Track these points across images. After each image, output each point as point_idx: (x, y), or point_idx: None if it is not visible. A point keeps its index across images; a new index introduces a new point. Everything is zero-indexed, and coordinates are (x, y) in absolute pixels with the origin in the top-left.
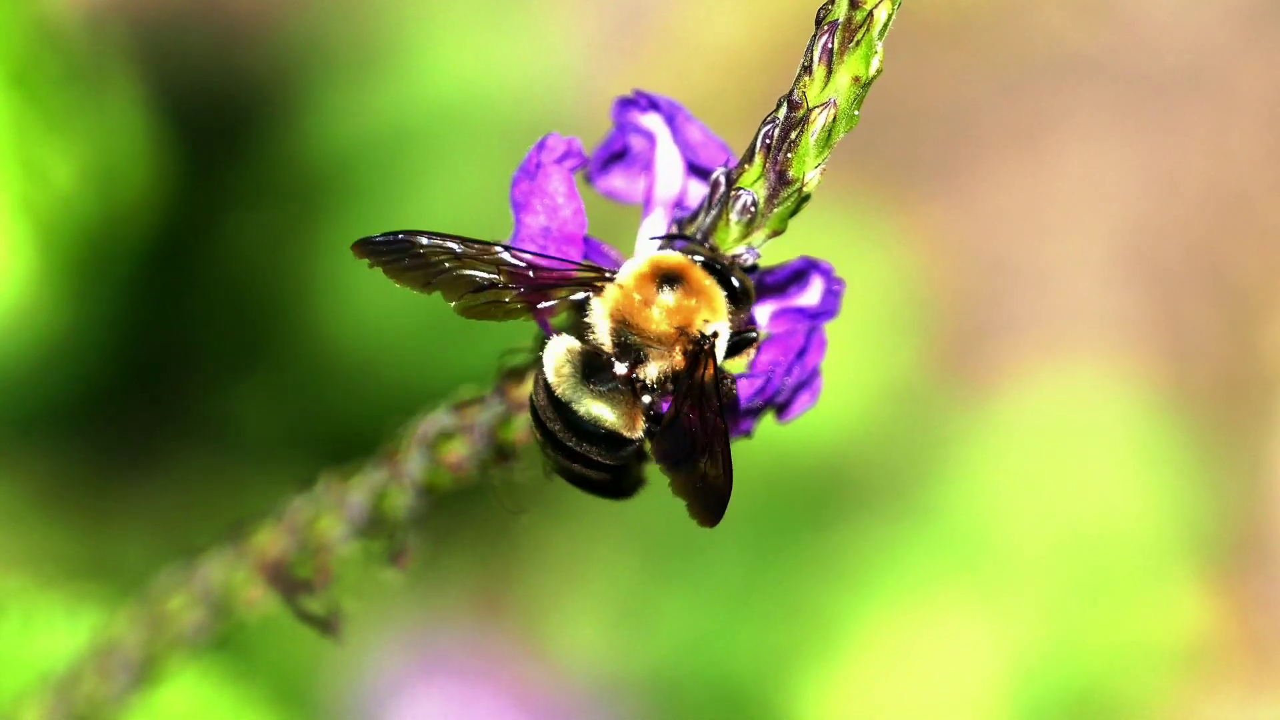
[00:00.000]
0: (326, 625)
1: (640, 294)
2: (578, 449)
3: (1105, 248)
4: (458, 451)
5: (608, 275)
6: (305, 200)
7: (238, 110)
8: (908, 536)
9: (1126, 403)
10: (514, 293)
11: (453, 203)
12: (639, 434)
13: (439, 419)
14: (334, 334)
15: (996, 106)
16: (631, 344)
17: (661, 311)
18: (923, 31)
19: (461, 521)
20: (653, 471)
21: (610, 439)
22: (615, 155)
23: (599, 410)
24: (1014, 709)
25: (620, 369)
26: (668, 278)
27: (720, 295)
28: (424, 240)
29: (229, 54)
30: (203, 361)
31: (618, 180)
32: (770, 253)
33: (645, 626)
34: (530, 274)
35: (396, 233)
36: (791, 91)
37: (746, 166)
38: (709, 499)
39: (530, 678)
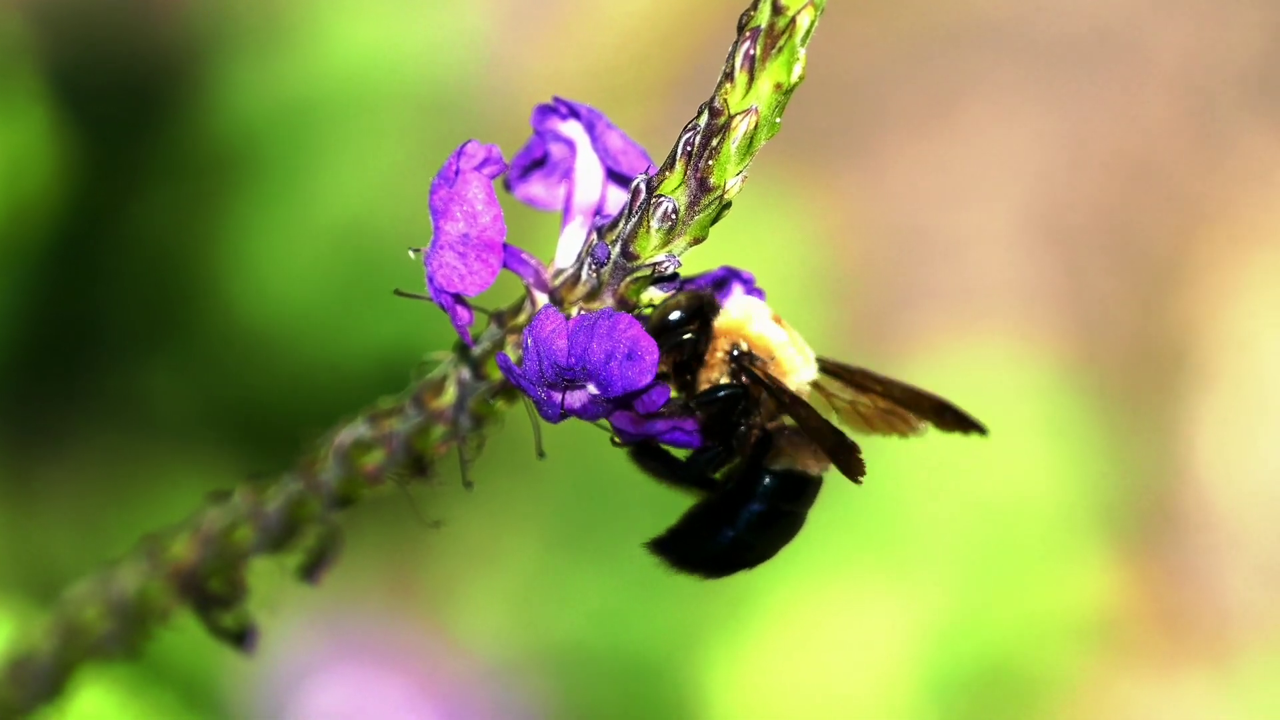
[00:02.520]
0: (240, 639)
1: None
2: None
3: (1016, 217)
4: (374, 462)
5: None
6: (213, 175)
7: (143, 86)
8: (818, 508)
9: (1036, 373)
10: None
11: (362, 175)
12: None
13: (356, 429)
14: (245, 307)
15: (907, 76)
16: None
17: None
18: (833, 2)
19: (370, 505)
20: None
21: None
22: (535, 162)
23: None
24: (924, 683)
25: None
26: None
27: None
28: None
29: (133, 29)
30: (113, 340)
31: (537, 187)
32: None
33: (554, 606)
34: None
35: None
36: (713, 98)
37: (667, 173)
38: None
39: (439, 661)
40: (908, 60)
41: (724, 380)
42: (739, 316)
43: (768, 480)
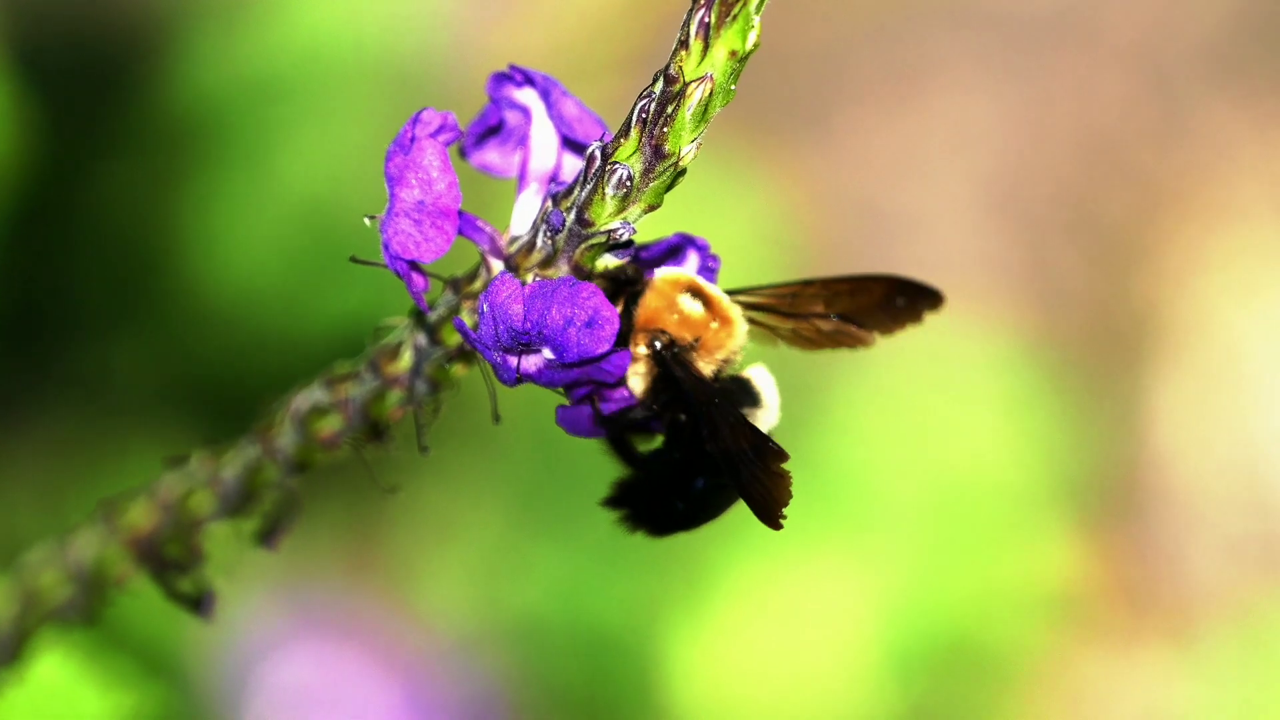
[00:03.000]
0: (198, 605)
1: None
2: None
3: (975, 192)
4: (331, 427)
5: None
6: (176, 150)
7: (106, 60)
8: None
9: (998, 348)
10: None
11: (325, 149)
12: None
13: (312, 394)
14: (207, 282)
15: (867, 50)
16: None
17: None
18: None
19: (329, 478)
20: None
21: None
22: (490, 130)
23: None
24: (886, 657)
25: None
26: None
27: None
28: None
29: (97, 3)
30: (75, 314)
31: (493, 155)
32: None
33: (515, 579)
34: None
35: None
36: (668, 65)
37: (622, 141)
38: None
39: (400, 634)
40: (868, 35)
41: (649, 373)
42: (657, 303)
43: (710, 459)
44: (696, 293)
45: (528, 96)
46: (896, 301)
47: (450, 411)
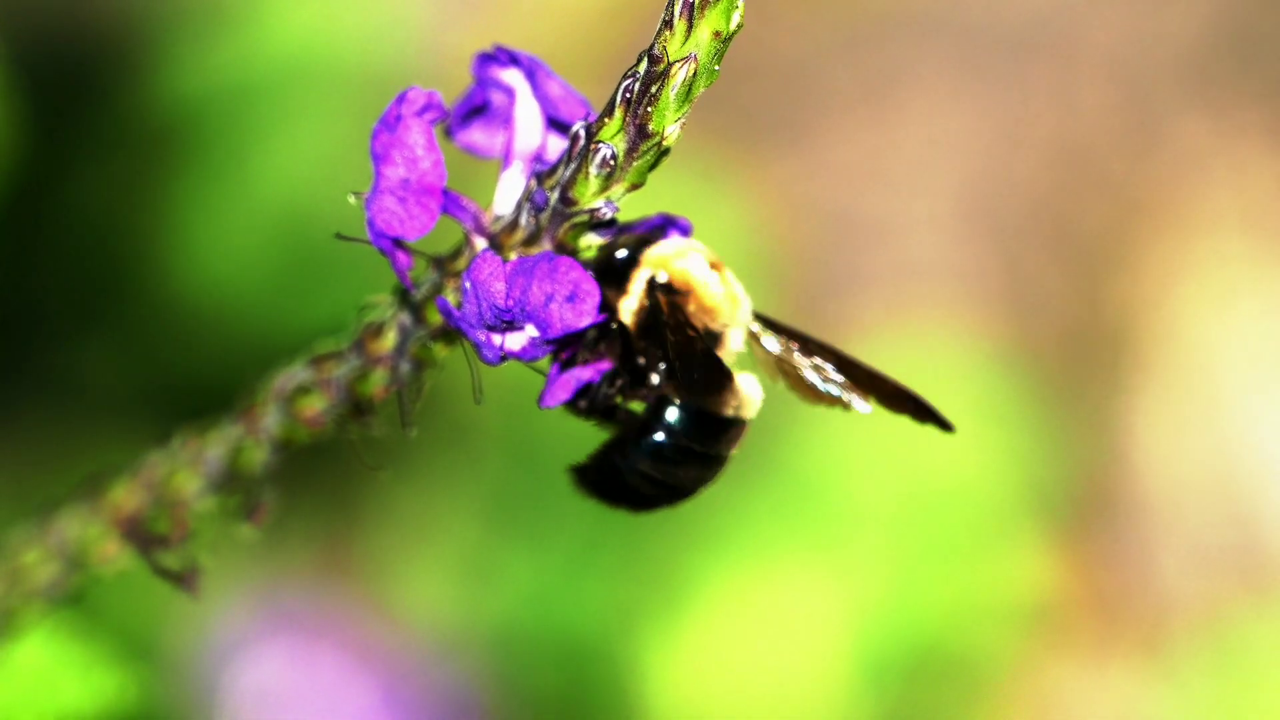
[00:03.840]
0: (183, 580)
1: None
2: None
3: (950, 203)
4: (315, 406)
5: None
6: (154, 153)
7: (86, 63)
8: (754, 492)
9: (972, 357)
10: None
11: (301, 154)
12: None
13: (296, 373)
14: (184, 286)
15: (841, 61)
16: None
17: None
18: None
19: (306, 477)
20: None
21: None
22: (475, 110)
23: None
24: (859, 666)
25: None
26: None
27: None
28: None
29: (76, 5)
30: (52, 317)
31: (477, 134)
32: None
33: (490, 582)
34: None
35: None
36: (652, 46)
37: (606, 120)
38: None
39: (375, 634)
40: (843, 46)
41: (639, 311)
42: (669, 250)
43: (675, 414)
44: (713, 266)
45: (512, 76)
46: (907, 407)
47: (428, 409)
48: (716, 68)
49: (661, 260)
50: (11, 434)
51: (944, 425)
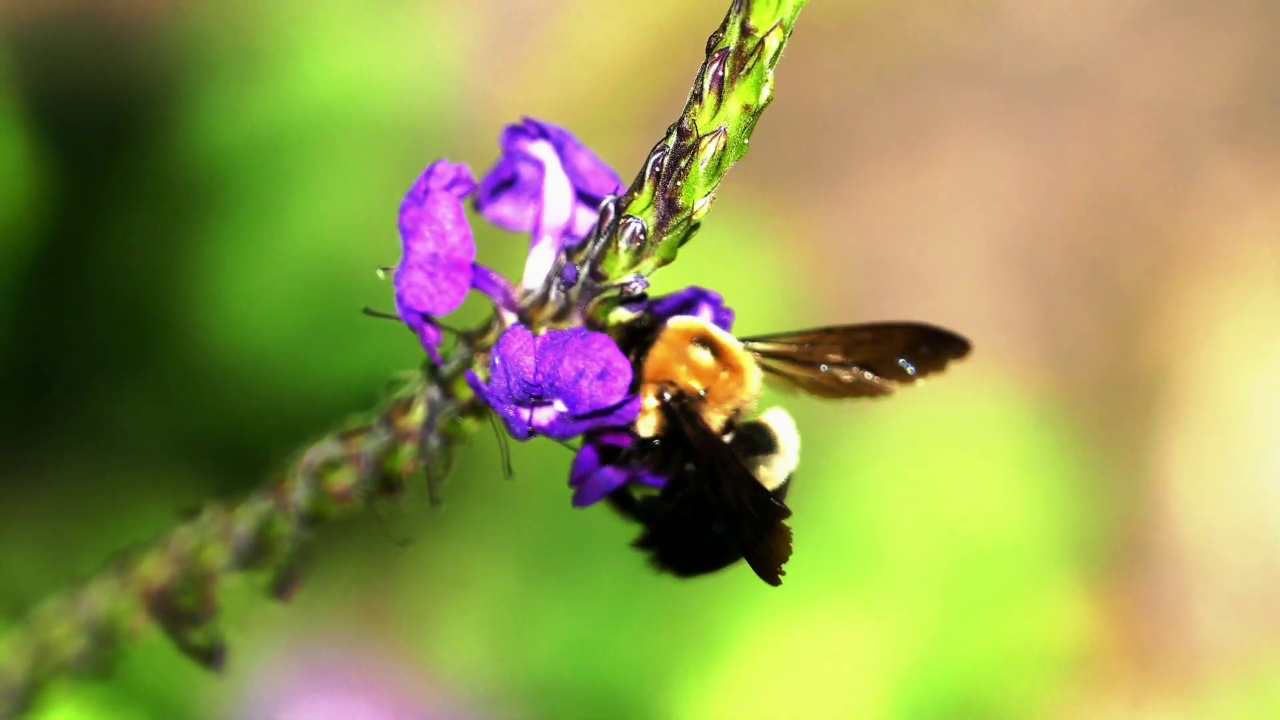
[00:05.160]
0: (210, 657)
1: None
2: None
3: (987, 250)
4: (344, 481)
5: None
6: (188, 204)
7: (118, 113)
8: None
9: (1008, 406)
10: None
11: (336, 205)
12: None
13: (325, 448)
14: (218, 337)
15: (879, 109)
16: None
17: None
18: (806, 33)
19: (342, 532)
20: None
21: None
22: (504, 183)
23: None
24: (895, 715)
25: None
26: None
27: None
28: None
29: (108, 56)
30: (85, 367)
31: (506, 208)
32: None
33: (526, 635)
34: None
35: None
36: (681, 119)
37: (636, 194)
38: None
39: (412, 689)
40: (879, 93)
41: (659, 424)
42: (666, 354)
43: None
44: (706, 341)
45: (541, 150)
46: (920, 350)
47: (463, 466)
48: (746, 141)
49: (664, 368)
50: (47, 485)
51: (961, 347)
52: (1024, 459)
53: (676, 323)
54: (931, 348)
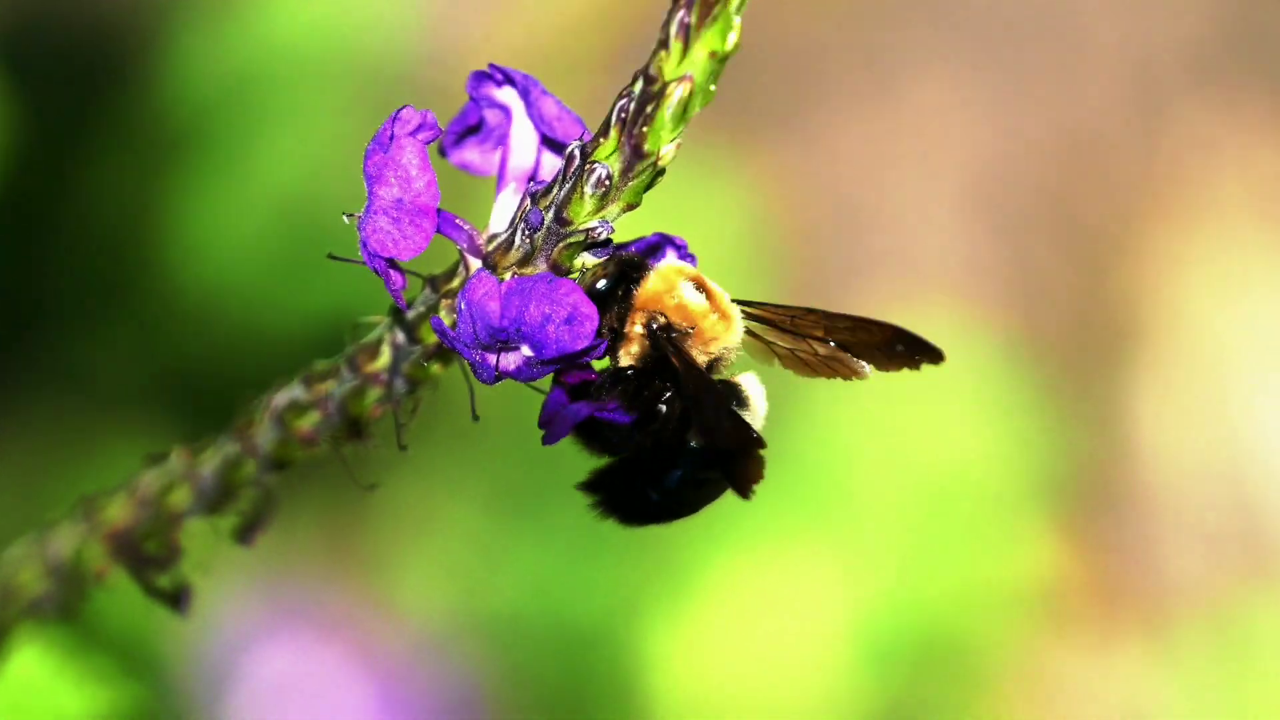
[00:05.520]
0: (175, 601)
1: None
2: None
3: (955, 190)
4: (309, 424)
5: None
6: (158, 145)
7: (89, 55)
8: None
9: (978, 345)
10: None
11: (305, 146)
12: None
13: (291, 391)
14: (189, 277)
15: (846, 49)
16: None
17: None
18: None
19: (308, 474)
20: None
21: None
22: (470, 128)
23: None
24: (862, 652)
25: None
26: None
27: None
28: None
29: (78, 1)
30: (55, 308)
31: (472, 153)
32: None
33: (493, 574)
34: None
35: None
36: (648, 65)
37: (601, 140)
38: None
39: (377, 629)
40: (847, 33)
41: (641, 354)
42: (659, 286)
43: (690, 450)
44: (699, 285)
45: (507, 95)
46: (895, 347)
47: (430, 406)
48: (712, 88)
49: (655, 299)
50: (20, 427)
51: (935, 355)
52: (992, 398)
53: (670, 262)
54: (907, 348)
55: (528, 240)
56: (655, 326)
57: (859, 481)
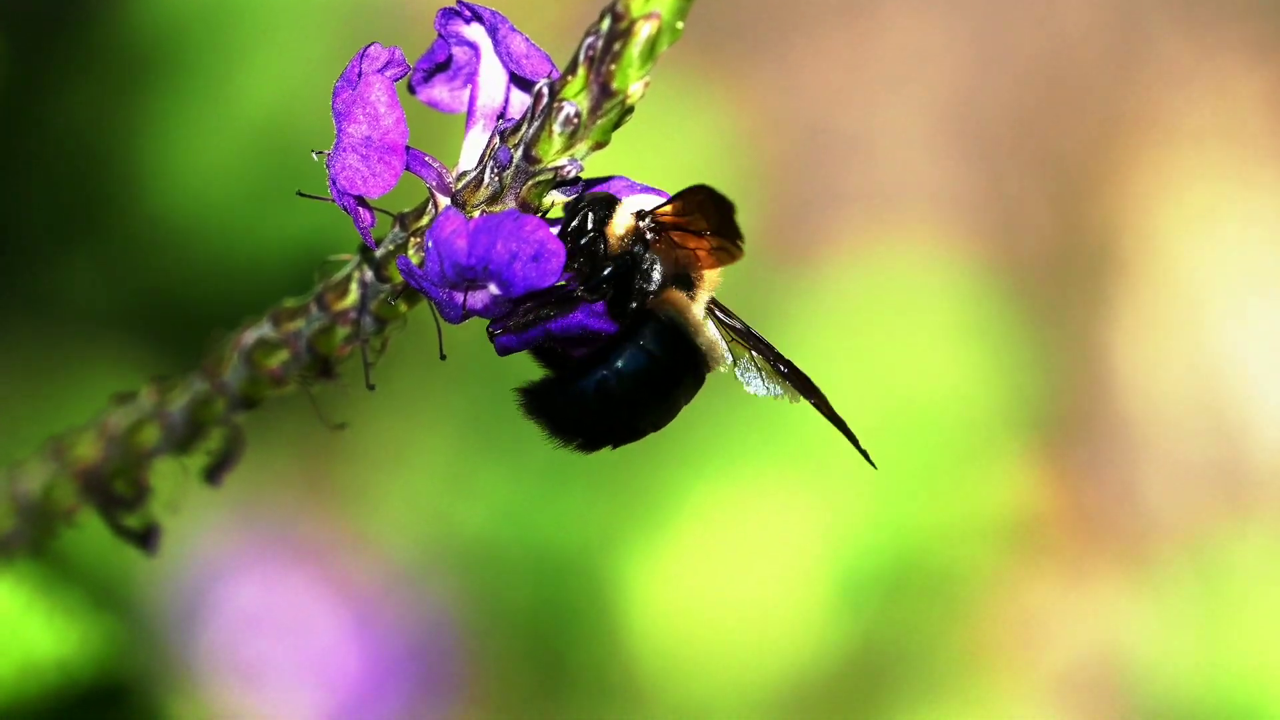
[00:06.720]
0: (143, 539)
1: None
2: None
3: (932, 119)
4: (278, 362)
5: None
6: (133, 71)
7: None
8: (734, 408)
9: (954, 275)
10: None
11: (280, 74)
12: None
13: (259, 329)
14: (164, 204)
15: None
16: None
17: None
18: None
19: (280, 405)
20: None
21: None
22: (438, 66)
23: None
24: (838, 581)
25: None
26: None
27: None
28: None
29: None
30: (28, 235)
31: (440, 90)
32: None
33: (466, 504)
34: None
35: None
36: (615, 3)
37: (570, 78)
38: None
39: (350, 560)
40: None
41: (620, 238)
42: (630, 222)
43: (650, 326)
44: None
45: (475, 32)
46: (837, 423)
47: (399, 339)
48: (680, 25)
49: (628, 232)
50: None
51: (865, 456)
52: (969, 328)
53: (640, 195)
54: (845, 433)
55: (496, 178)
56: (648, 220)
57: (835, 408)
